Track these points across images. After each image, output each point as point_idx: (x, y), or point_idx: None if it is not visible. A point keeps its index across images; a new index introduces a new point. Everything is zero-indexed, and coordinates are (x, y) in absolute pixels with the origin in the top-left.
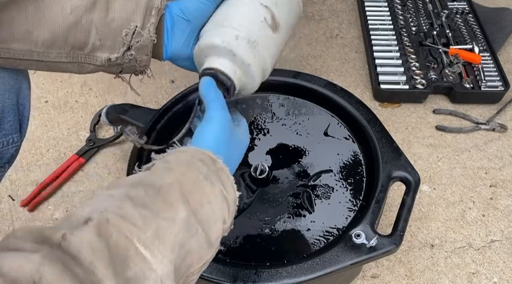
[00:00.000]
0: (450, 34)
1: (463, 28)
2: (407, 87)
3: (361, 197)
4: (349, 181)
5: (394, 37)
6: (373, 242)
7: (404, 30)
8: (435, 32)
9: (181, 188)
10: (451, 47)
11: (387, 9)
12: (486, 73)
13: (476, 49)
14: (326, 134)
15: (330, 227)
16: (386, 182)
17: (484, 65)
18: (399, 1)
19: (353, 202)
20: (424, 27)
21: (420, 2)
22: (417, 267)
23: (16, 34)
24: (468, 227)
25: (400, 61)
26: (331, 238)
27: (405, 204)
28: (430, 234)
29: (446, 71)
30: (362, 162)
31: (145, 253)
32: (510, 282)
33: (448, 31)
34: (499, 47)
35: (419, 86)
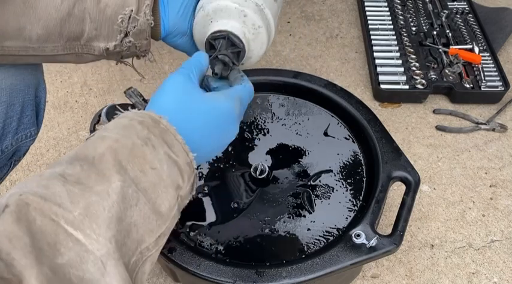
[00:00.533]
0: (450, 34)
1: (463, 28)
2: (407, 87)
3: (361, 197)
4: (349, 181)
5: (394, 37)
6: (373, 242)
7: (404, 30)
8: (435, 32)
9: (115, 156)
10: (451, 47)
11: (387, 9)
12: (486, 73)
13: (476, 49)
14: (326, 134)
15: (330, 227)
16: (386, 182)
17: (484, 65)
18: (399, 1)
19: (353, 202)
20: (424, 27)
21: (420, 2)
22: (417, 267)
23: (8, 31)
24: (468, 227)
25: (400, 61)
26: (331, 238)
27: (405, 204)
28: (430, 234)
29: (446, 71)
30: (362, 162)
31: (76, 235)
32: (510, 282)
33: (448, 31)
34: (499, 47)
35: (419, 86)
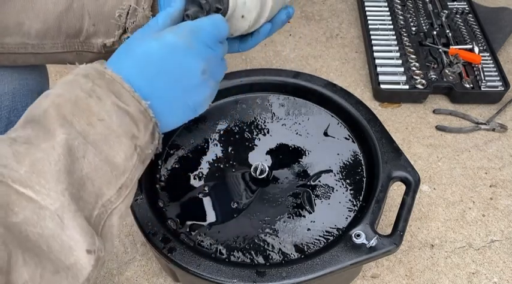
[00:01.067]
0: (450, 34)
1: (463, 28)
2: (407, 87)
3: (361, 197)
4: (349, 181)
5: (394, 37)
6: (373, 242)
7: (404, 30)
8: (435, 32)
9: (58, 111)
10: (451, 47)
11: (387, 9)
12: (486, 73)
13: (476, 49)
14: (326, 134)
15: (330, 227)
16: (386, 182)
17: (484, 65)
18: (399, 1)
19: (353, 202)
20: (424, 27)
21: (420, 2)
22: (417, 267)
23: (7, 27)
24: (468, 227)
25: (400, 61)
26: (331, 238)
27: (405, 204)
28: (430, 234)
29: (446, 71)
30: (362, 162)
31: (27, 192)
32: (510, 282)
33: (448, 31)
34: (499, 47)
35: (419, 86)
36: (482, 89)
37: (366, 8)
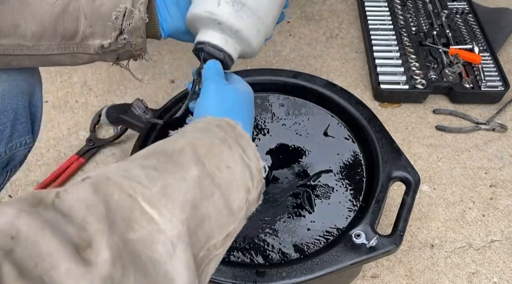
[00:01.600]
0: (450, 34)
1: (463, 28)
2: (407, 87)
3: (361, 197)
4: (349, 181)
5: (394, 37)
6: (373, 242)
7: (404, 30)
8: (435, 32)
9: (194, 151)
10: (451, 47)
11: (387, 9)
12: (486, 73)
13: (476, 49)
14: (326, 134)
15: (330, 227)
16: (386, 182)
17: (484, 65)
18: (399, 1)
19: (353, 202)
20: (424, 27)
21: (420, 2)
22: (417, 267)
23: (3, 29)
24: (468, 227)
25: (400, 61)
26: (331, 238)
27: (405, 204)
28: (430, 234)
29: (446, 71)
30: (362, 162)
31: (151, 213)
32: (510, 282)
33: (448, 31)
34: (499, 47)
35: (419, 86)
36: (482, 89)
37: (366, 8)
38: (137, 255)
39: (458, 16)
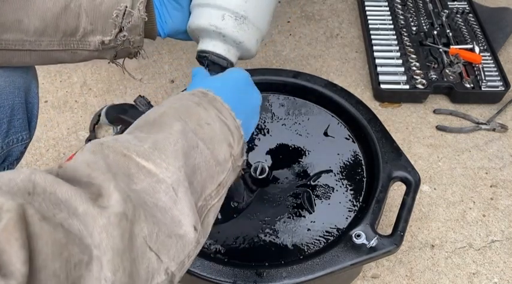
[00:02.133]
0: (450, 34)
1: (464, 28)
2: (407, 87)
3: (361, 197)
4: (349, 181)
5: (395, 37)
6: (373, 242)
7: (404, 30)
8: (435, 32)
9: (175, 112)
10: (452, 47)
11: (387, 9)
12: (486, 73)
13: (476, 49)
14: (326, 134)
15: (330, 227)
16: (386, 182)
17: (485, 65)
18: (399, 1)
19: (353, 202)
20: (425, 26)
21: (420, 2)
22: (417, 267)
23: (5, 24)
24: (468, 227)
25: (401, 61)
26: (331, 238)
27: (405, 204)
28: (431, 234)
29: (446, 71)
30: (362, 162)
31: (147, 165)
32: (510, 282)
33: (449, 31)
34: (500, 47)
35: (419, 86)
36: (482, 89)
37: (366, 8)
38: (143, 201)
39: (458, 16)
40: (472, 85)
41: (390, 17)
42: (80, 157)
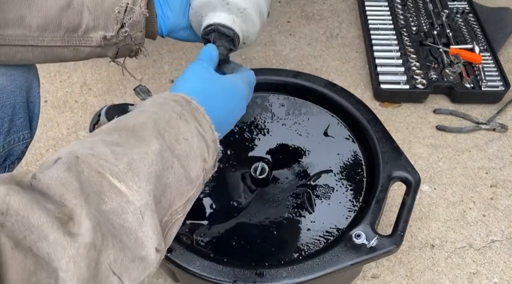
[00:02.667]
0: (450, 34)
1: (464, 28)
2: (407, 87)
3: (361, 197)
4: (349, 181)
5: (395, 37)
6: (373, 242)
7: (404, 29)
8: (435, 32)
9: (154, 125)
10: (452, 47)
11: (387, 9)
12: (486, 73)
13: (476, 49)
14: (326, 134)
15: (330, 227)
16: (386, 182)
17: (485, 65)
18: (399, 1)
19: (353, 202)
20: (425, 26)
21: (420, 2)
22: (417, 267)
23: (9, 19)
24: (468, 227)
25: (401, 61)
26: (331, 238)
27: (405, 204)
28: (431, 234)
29: (446, 71)
30: (362, 162)
31: (119, 186)
32: (511, 282)
33: (449, 31)
34: (500, 47)
35: (419, 86)
36: (482, 89)
37: (366, 8)
38: (111, 224)
39: (458, 16)
40: (472, 85)
41: (390, 17)
42: (55, 172)
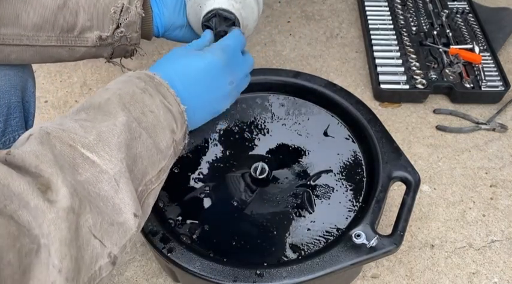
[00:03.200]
0: (450, 34)
1: (464, 28)
2: (407, 87)
3: (361, 197)
4: (349, 181)
5: (395, 37)
6: (373, 242)
7: (404, 30)
8: (435, 32)
9: (120, 100)
10: (452, 47)
11: (387, 9)
12: (486, 73)
13: (476, 49)
14: (326, 134)
15: (330, 227)
16: (386, 182)
17: (485, 65)
18: (399, 1)
19: (353, 202)
20: (425, 26)
21: (420, 2)
22: (417, 267)
23: (4, 18)
24: (468, 227)
25: (401, 61)
26: (331, 238)
27: (405, 204)
28: (431, 234)
29: (446, 71)
30: (362, 162)
31: (91, 157)
32: (510, 282)
33: (449, 31)
34: (499, 47)
35: (419, 86)
36: (482, 89)
37: (366, 8)
38: (87, 193)
39: (458, 16)
40: (472, 85)
41: (390, 17)
42: (28, 147)
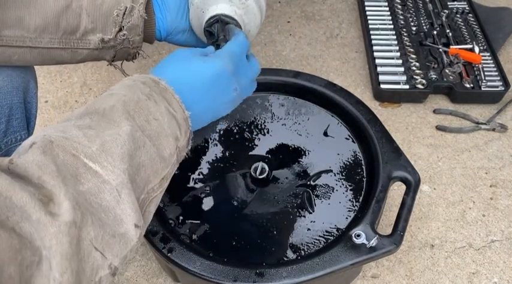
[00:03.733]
0: (450, 34)
1: (463, 28)
2: (407, 87)
3: (361, 197)
4: (349, 181)
5: (394, 37)
6: (373, 242)
7: (404, 30)
8: (435, 32)
9: (124, 107)
10: (451, 47)
11: (387, 9)
12: (486, 73)
13: (476, 49)
14: (326, 134)
15: (330, 227)
16: (386, 182)
17: (484, 65)
18: (399, 1)
19: (353, 202)
20: (424, 27)
21: (420, 2)
22: (417, 267)
23: (7, 20)
24: (468, 227)
25: (400, 61)
26: (331, 238)
27: (405, 204)
28: (430, 234)
29: (446, 71)
30: (362, 162)
31: (94, 167)
32: (510, 282)
33: (448, 31)
34: (499, 47)
35: (419, 86)
36: (482, 89)
37: (366, 8)
38: (89, 204)
39: (458, 16)
40: (472, 85)
41: (390, 17)
42: (31, 156)
